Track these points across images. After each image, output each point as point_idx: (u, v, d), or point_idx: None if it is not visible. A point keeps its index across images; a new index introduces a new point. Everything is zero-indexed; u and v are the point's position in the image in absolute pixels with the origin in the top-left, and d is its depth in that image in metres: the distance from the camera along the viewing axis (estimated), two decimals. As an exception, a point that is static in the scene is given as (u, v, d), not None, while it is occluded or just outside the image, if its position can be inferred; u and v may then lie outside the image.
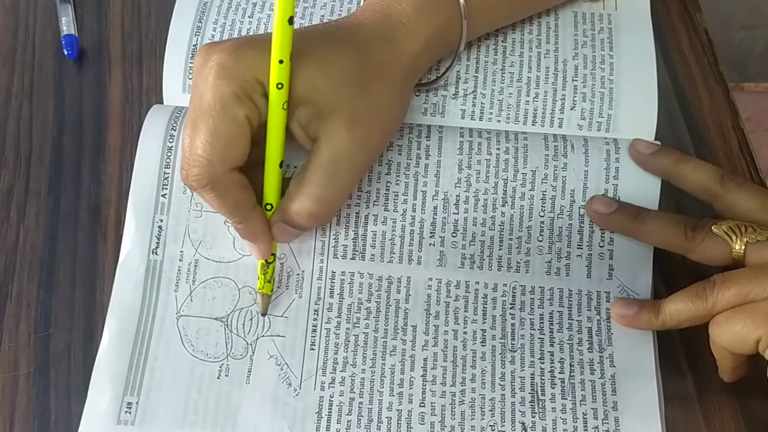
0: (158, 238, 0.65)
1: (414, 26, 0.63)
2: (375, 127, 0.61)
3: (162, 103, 0.71)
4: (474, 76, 0.71)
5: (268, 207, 0.61)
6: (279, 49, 0.56)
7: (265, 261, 0.63)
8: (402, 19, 0.63)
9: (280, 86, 0.57)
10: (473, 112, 0.70)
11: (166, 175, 0.66)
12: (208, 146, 0.57)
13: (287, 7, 0.54)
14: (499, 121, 0.69)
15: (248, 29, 0.72)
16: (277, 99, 0.57)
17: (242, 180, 0.59)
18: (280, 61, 0.56)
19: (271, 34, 0.56)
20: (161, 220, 0.66)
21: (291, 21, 0.55)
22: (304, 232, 0.64)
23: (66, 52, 0.75)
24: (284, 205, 0.61)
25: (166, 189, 0.66)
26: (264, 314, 0.63)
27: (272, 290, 0.64)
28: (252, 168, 0.60)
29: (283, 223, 0.61)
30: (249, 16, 0.72)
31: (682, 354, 0.63)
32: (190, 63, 0.70)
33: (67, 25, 0.76)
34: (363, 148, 0.60)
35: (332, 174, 0.59)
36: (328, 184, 0.59)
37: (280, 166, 0.60)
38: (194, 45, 0.71)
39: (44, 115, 0.73)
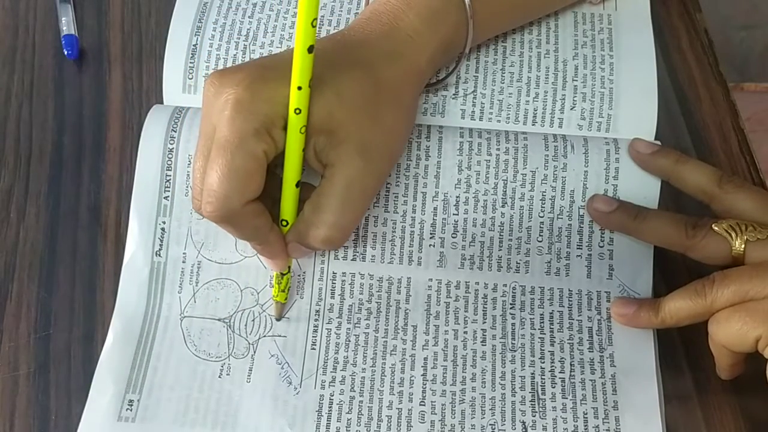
0: (161, 240, 0.65)
1: (421, 39, 0.63)
2: (385, 153, 0.61)
3: (162, 103, 0.71)
4: (474, 76, 0.70)
5: (284, 223, 0.61)
6: (298, 76, 0.55)
7: (280, 273, 0.63)
8: (409, 33, 0.63)
9: (298, 111, 0.56)
10: (473, 112, 0.70)
11: (167, 177, 0.66)
12: (225, 181, 0.56)
13: (308, 37, 0.54)
14: (499, 121, 0.69)
15: (248, 29, 0.72)
16: (295, 123, 0.57)
17: (258, 208, 0.58)
18: (299, 88, 0.55)
19: (281, 58, 0.56)
20: (164, 222, 0.66)
21: (311, 50, 0.54)
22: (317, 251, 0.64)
23: (66, 52, 0.75)
24: (299, 229, 0.60)
25: (168, 191, 0.66)
26: (279, 319, 0.64)
27: (286, 299, 0.64)
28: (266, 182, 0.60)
29: (298, 243, 0.61)
30: (249, 17, 0.72)
31: (682, 353, 0.63)
32: (190, 63, 0.70)
33: (67, 25, 0.76)
34: (375, 174, 0.60)
35: (346, 201, 0.59)
36: (343, 211, 0.59)
37: (297, 185, 0.60)
38: (194, 45, 0.71)
39: (44, 115, 0.73)
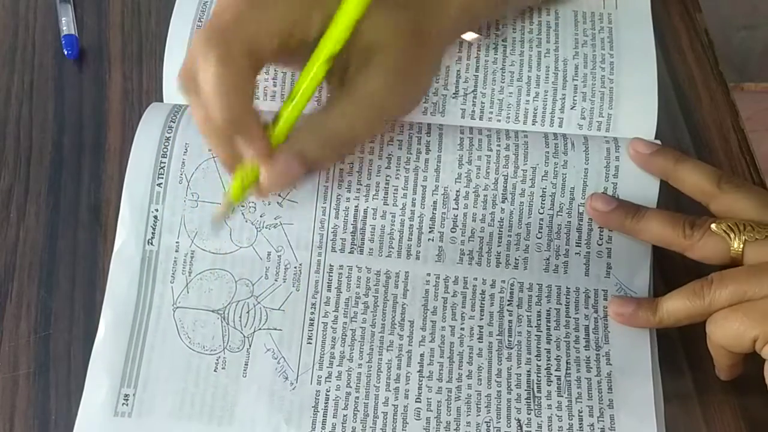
0: (153, 229, 0.65)
1: None
2: (415, 84, 0.63)
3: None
4: (474, 76, 0.71)
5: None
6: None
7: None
8: None
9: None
10: (473, 111, 0.70)
11: (162, 164, 0.66)
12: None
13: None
14: (499, 120, 0.69)
15: (248, 29, 0.72)
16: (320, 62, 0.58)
17: (254, 63, 0.57)
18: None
19: None
20: (156, 210, 0.65)
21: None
22: (303, 176, 0.61)
23: (66, 52, 0.75)
24: (298, 133, 0.59)
25: (162, 178, 0.66)
26: (216, 226, 0.63)
27: (241, 203, 0.63)
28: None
29: (295, 155, 0.59)
30: (249, 16, 0.73)
31: (682, 353, 0.63)
32: (191, 63, 0.71)
33: (67, 25, 0.76)
34: (398, 101, 0.61)
35: (362, 108, 0.59)
36: (355, 115, 0.59)
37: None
38: (194, 45, 0.71)
39: (44, 115, 0.73)
